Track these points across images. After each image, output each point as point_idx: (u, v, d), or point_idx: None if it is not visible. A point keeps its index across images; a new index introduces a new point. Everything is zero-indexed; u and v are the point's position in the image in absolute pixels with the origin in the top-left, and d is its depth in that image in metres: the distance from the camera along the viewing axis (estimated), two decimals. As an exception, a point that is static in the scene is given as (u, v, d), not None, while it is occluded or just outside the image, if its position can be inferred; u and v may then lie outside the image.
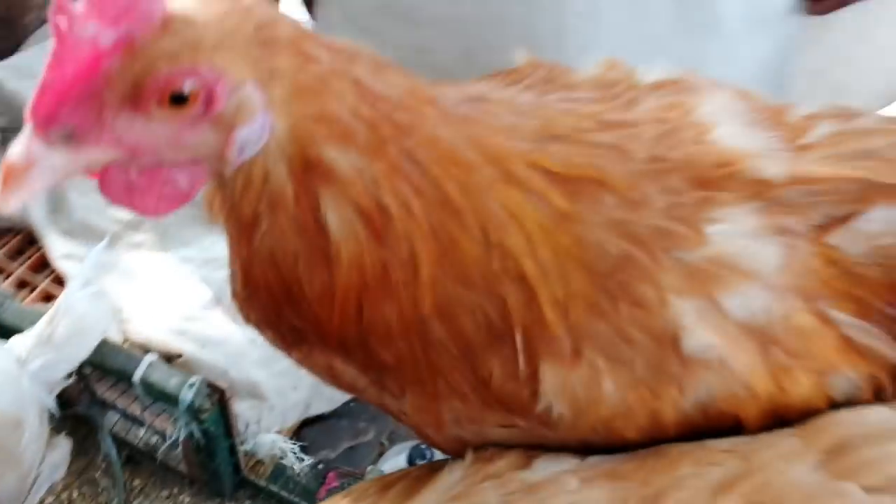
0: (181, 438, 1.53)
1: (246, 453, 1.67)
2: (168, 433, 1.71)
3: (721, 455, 0.57)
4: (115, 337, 1.66)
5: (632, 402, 0.59)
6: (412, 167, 0.55)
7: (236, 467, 1.69)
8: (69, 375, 1.40)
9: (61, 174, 0.50)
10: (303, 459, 1.66)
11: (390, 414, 0.69)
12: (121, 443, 1.76)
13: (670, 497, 0.53)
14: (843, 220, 0.60)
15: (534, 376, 0.59)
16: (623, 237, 0.58)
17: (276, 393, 1.90)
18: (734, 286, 0.58)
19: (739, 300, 0.58)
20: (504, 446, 0.63)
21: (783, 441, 0.57)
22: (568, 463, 0.59)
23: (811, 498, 0.52)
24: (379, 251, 0.56)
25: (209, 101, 0.50)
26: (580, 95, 0.66)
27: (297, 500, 1.71)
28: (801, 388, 0.60)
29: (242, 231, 0.57)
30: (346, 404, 2.07)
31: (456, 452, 0.66)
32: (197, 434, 1.51)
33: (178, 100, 0.49)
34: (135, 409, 1.70)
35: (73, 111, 0.48)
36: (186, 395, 1.44)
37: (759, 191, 0.60)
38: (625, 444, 0.61)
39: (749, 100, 0.67)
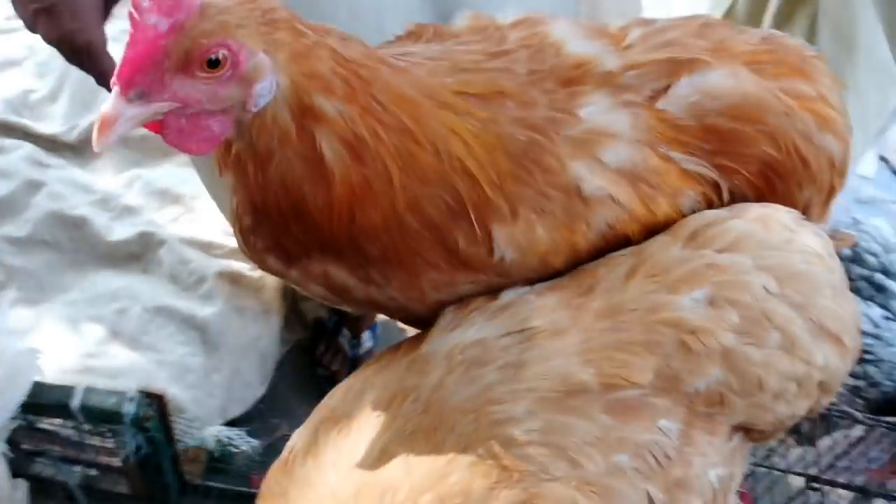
0: (127, 454, 1.62)
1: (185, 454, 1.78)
2: (102, 462, 1.80)
3: (622, 258, 0.83)
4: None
5: (557, 239, 0.83)
6: (376, 107, 0.76)
7: (179, 476, 1.79)
8: (13, 418, 1.47)
9: (137, 122, 0.69)
10: (251, 441, 1.79)
11: (376, 307, 0.89)
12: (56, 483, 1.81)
13: (597, 288, 0.78)
14: (664, 90, 0.88)
15: (488, 237, 0.82)
16: (526, 128, 0.83)
17: (193, 403, 2.02)
18: (606, 146, 0.84)
19: (611, 154, 0.84)
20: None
21: (658, 239, 0.84)
22: (523, 289, 0.82)
23: (683, 261, 0.79)
24: (361, 170, 0.77)
25: (235, 64, 0.70)
26: (465, 40, 0.90)
27: (239, 488, 1.84)
28: (663, 208, 0.87)
29: (258, 165, 0.76)
30: (256, 406, 2.22)
31: (436, 316, 0.88)
32: (143, 445, 1.61)
33: (214, 64, 0.69)
34: (67, 450, 1.77)
35: (144, 77, 0.67)
36: (129, 409, 1.55)
37: (606, 80, 0.87)
38: (556, 273, 0.85)
39: (579, 23, 0.93)
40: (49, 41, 0.98)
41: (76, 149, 2.43)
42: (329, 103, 0.74)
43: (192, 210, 2.31)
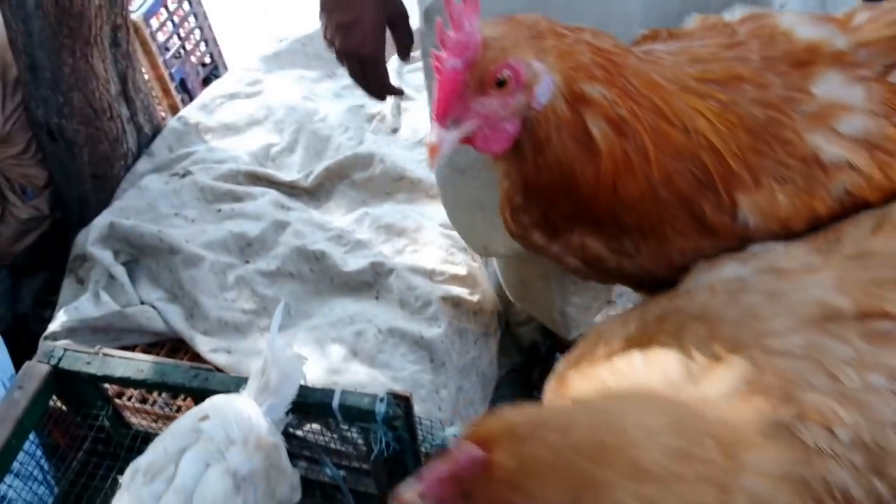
0: (378, 452, 1.80)
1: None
2: (352, 465, 2.00)
3: (867, 216, 0.89)
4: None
5: (798, 205, 0.91)
6: (632, 90, 0.89)
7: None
8: (287, 413, 1.69)
9: (455, 142, 0.85)
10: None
11: (621, 277, 1.00)
12: (312, 483, 2.03)
13: (844, 240, 0.85)
14: (894, 65, 0.94)
15: (733, 205, 0.91)
16: (764, 107, 0.92)
17: (425, 415, 2.19)
18: (842, 117, 0.92)
19: (847, 125, 0.92)
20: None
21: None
22: (769, 244, 0.91)
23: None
24: (623, 145, 0.89)
25: (517, 77, 0.85)
26: (700, 36, 1.01)
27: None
28: (901, 174, 0.93)
29: (537, 150, 0.90)
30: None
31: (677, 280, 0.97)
32: (392, 443, 1.78)
33: (501, 83, 0.84)
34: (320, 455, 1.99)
35: (454, 107, 0.83)
36: (381, 408, 1.73)
37: (837, 59, 0.95)
38: (796, 236, 0.93)
39: (804, 14, 1.02)
40: (340, 51, 1.21)
41: (312, 193, 2.73)
42: (594, 88, 0.87)
43: (415, 242, 2.53)
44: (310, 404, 1.78)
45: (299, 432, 2.07)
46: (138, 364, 1.82)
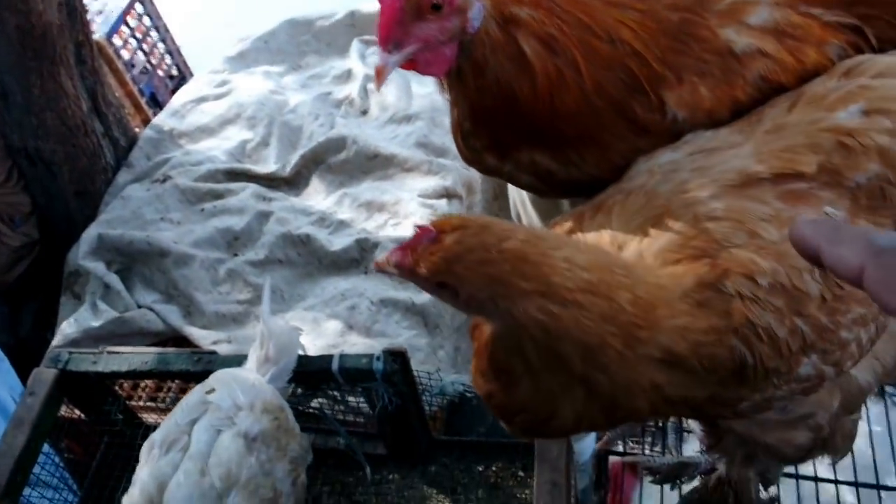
0: (381, 408, 1.88)
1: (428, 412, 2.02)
2: (361, 431, 2.08)
3: (784, 97, 0.97)
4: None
5: (719, 95, 0.99)
6: (557, 9, 0.97)
7: (426, 429, 2.04)
8: (290, 381, 1.77)
9: (398, 64, 0.92)
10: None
11: (574, 189, 1.07)
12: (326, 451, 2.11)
13: (764, 119, 0.93)
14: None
15: (661, 103, 0.99)
16: (679, 10, 1.00)
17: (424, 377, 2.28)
18: (750, 11, 1.00)
19: (756, 17, 1.00)
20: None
21: (816, 80, 0.97)
22: (701, 131, 0.98)
23: (839, 89, 0.92)
24: (555, 61, 0.97)
25: (450, 3, 0.92)
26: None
27: (475, 438, 2.06)
28: (811, 57, 1.01)
29: (477, 72, 0.98)
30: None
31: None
32: (394, 399, 1.86)
33: (437, 8, 0.92)
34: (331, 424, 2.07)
35: (395, 32, 0.90)
36: (378, 366, 1.81)
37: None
38: (723, 124, 1.01)
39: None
40: None
41: (291, 182, 2.81)
42: (522, 10, 0.95)
43: (395, 215, 2.60)
44: (311, 372, 1.86)
45: (309, 409, 2.15)
46: (142, 357, 1.90)
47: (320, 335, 2.40)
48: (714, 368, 0.75)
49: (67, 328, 2.41)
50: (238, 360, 1.83)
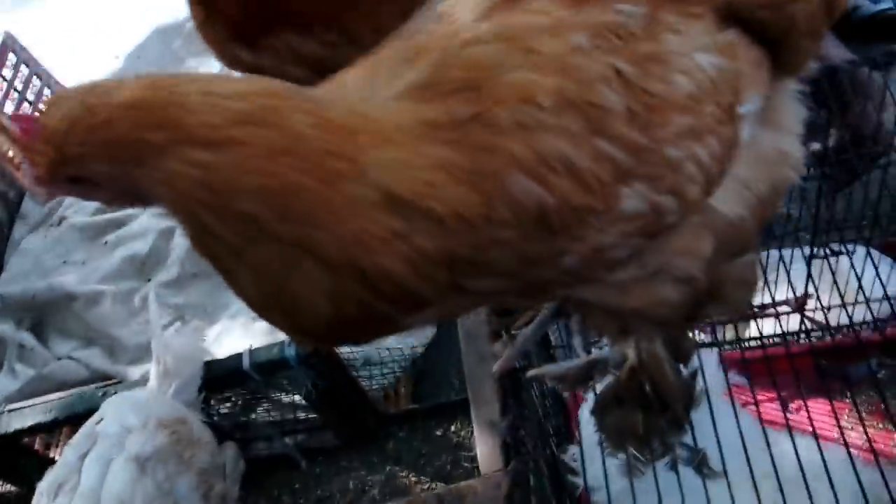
0: (308, 394, 1.74)
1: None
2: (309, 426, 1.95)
3: None
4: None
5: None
6: None
7: (370, 406, 1.90)
8: (200, 389, 1.62)
9: None
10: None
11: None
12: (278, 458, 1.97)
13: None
14: None
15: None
16: None
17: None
18: None
19: None
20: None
21: None
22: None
23: None
24: None
25: None
26: None
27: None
28: None
29: None
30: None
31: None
32: (318, 382, 1.72)
33: None
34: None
35: None
36: (290, 352, 1.66)
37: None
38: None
39: None
40: None
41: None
42: None
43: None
44: (223, 375, 1.72)
45: (251, 418, 2.02)
46: (45, 406, 1.75)
47: (252, 338, 2.25)
48: (490, 217, 0.60)
49: (-11, 400, 2.26)
50: (147, 382, 1.69)
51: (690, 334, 1.04)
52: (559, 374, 1.07)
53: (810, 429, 1.24)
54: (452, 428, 1.95)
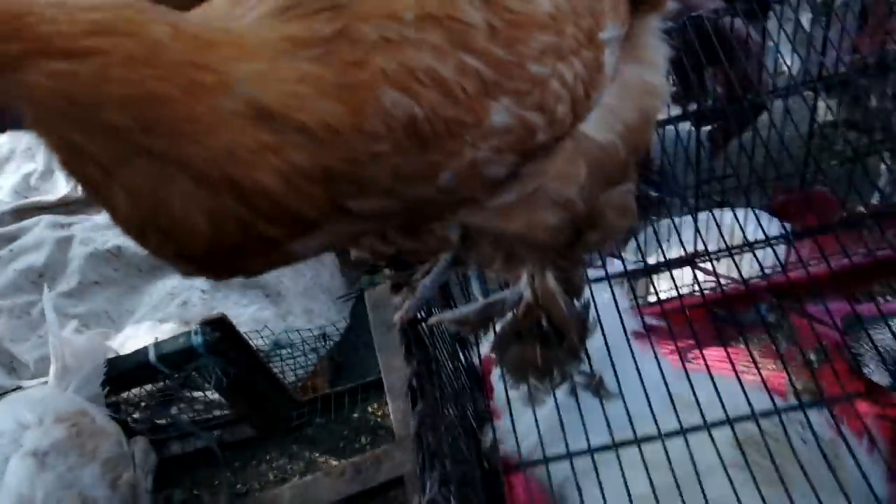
0: (218, 382, 1.71)
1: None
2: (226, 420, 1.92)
3: None
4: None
5: None
6: None
7: (283, 393, 1.89)
8: (103, 385, 1.58)
9: None
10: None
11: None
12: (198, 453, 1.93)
13: None
14: None
15: None
16: None
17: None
18: None
19: None
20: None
21: None
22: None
23: None
24: None
25: None
26: None
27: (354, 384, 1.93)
28: None
29: None
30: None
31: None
32: (228, 369, 1.70)
33: None
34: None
35: None
36: (197, 340, 1.64)
37: None
38: None
39: None
40: None
41: (85, 200, 2.58)
42: None
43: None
44: (129, 370, 1.68)
45: (163, 420, 1.97)
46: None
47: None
48: (360, 129, 0.62)
49: None
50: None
51: (581, 269, 1.08)
52: (460, 317, 1.09)
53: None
54: (369, 409, 1.96)
